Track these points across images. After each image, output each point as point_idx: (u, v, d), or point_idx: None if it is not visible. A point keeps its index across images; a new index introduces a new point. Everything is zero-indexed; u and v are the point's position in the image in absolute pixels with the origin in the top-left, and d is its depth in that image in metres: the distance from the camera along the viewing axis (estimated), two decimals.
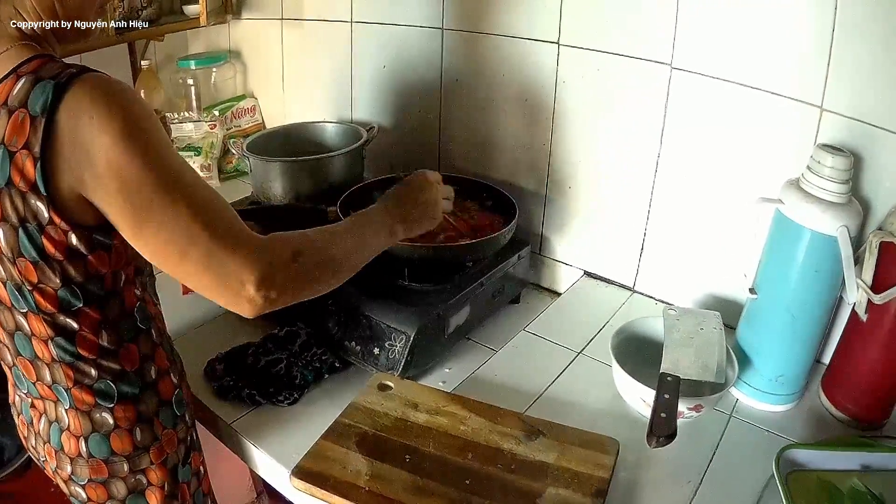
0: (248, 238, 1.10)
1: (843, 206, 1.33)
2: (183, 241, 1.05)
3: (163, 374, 1.28)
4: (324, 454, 1.30)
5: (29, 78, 1.03)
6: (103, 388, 1.20)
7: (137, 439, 1.24)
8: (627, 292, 1.88)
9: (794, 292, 1.40)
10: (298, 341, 1.60)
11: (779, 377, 1.45)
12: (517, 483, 1.24)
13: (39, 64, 1.05)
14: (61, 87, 1.00)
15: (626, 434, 1.36)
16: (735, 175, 1.60)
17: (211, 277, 1.08)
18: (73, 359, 1.16)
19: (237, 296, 1.08)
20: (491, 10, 1.87)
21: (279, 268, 1.11)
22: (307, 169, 1.99)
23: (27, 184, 1.02)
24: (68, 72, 1.02)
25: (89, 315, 1.15)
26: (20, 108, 1.01)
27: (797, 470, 1.22)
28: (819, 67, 1.41)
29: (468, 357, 1.67)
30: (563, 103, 1.82)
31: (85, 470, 1.23)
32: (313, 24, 2.37)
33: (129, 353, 1.22)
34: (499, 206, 1.84)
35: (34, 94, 1.01)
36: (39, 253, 1.07)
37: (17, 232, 1.05)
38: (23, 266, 1.08)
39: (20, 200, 1.03)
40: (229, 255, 1.07)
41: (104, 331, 1.17)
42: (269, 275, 1.09)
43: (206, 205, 1.09)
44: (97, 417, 1.21)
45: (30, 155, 1.01)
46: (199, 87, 2.60)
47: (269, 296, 1.09)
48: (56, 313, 1.12)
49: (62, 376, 1.18)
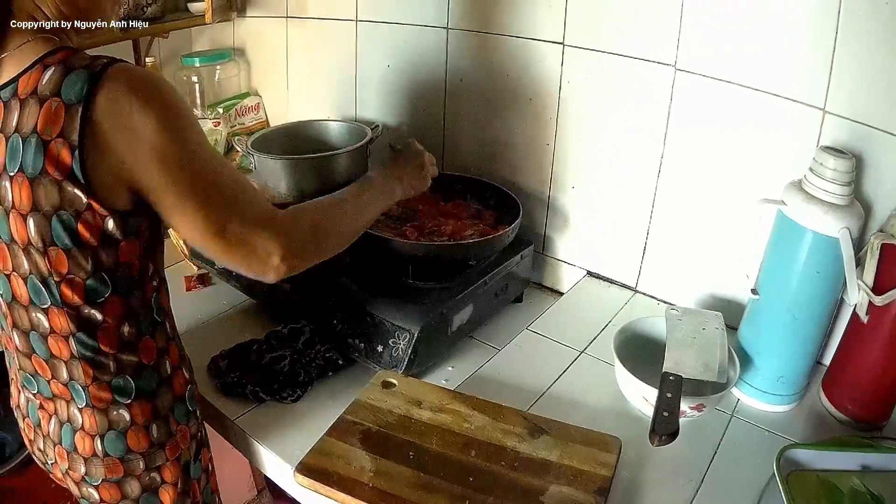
0: (275, 215, 1.20)
1: (844, 207, 1.34)
2: (224, 220, 1.13)
3: (176, 369, 1.29)
4: (327, 451, 1.30)
5: (59, 68, 1.04)
6: (121, 384, 1.20)
7: (154, 436, 1.25)
8: (630, 292, 1.88)
9: (795, 293, 1.41)
10: (302, 338, 1.61)
11: (780, 377, 1.46)
12: (520, 480, 1.25)
13: (67, 55, 1.06)
14: (96, 76, 1.02)
15: (628, 433, 1.36)
16: (737, 176, 1.61)
17: (245, 252, 1.16)
18: (93, 354, 1.17)
19: (264, 266, 1.18)
20: (496, 10, 1.88)
21: (301, 240, 1.23)
22: (311, 167, 1.98)
23: (63, 172, 1.03)
24: (100, 62, 1.04)
25: (115, 304, 1.16)
26: (53, 97, 1.02)
27: (798, 470, 1.23)
28: (822, 70, 1.42)
29: (471, 355, 1.67)
30: (567, 103, 1.82)
31: (100, 469, 1.23)
32: (318, 22, 2.37)
33: (147, 346, 1.23)
34: (502, 205, 1.85)
35: (68, 83, 1.02)
36: (74, 239, 1.08)
37: (49, 221, 1.06)
38: (54, 256, 1.09)
39: (55, 189, 1.04)
40: (261, 231, 1.16)
41: (126, 322, 1.19)
42: (292, 247, 1.19)
43: (240, 183, 1.18)
44: (114, 415, 1.21)
45: (66, 143, 1.02)
46: (204, 84, 2.60)
47: (292, 264, 1.20)
48: (82, 305, 1.13)
49: (80, 373, 1.18)
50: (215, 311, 1.79)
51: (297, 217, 1.26)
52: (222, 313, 1.79)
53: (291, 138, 2.20)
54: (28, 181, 1.04)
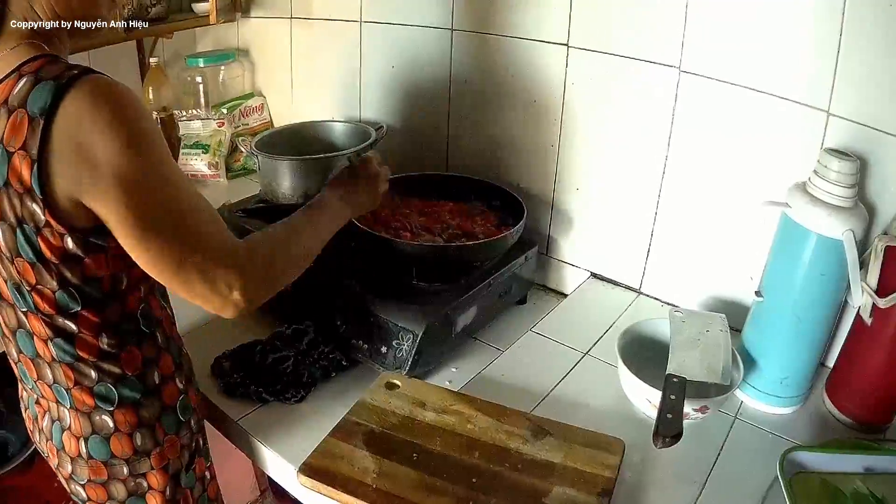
0: (235, 249, 1.14)
1: (848, 210, 1.34)
2: (183, 249, 1.08)
3: (167, 378, 1.28)
4: (331, 452, 1.30)
5: (30, 78, 1.01)
6: (103, 392, 1.19)
7: (138, 444, 1.24)
8: (634, 294, 1.88)
9: (799, 295, 1.41)
10: (306, 339, 1.60)
11: (784, 379, 1.46)
12: (523, 482, 1.25)
13: (42, 64, 1.04)
14: (62, 88, 0.99)
15: (631, 434, 1.36)
16: (742, 178, 1.61)
17: (204, 287, 1.11)
18: (73, 360, 1.16)
19: (224, 300, 1.12)
20: (500, 12, 1.88)
21: (260, 274, 1.17)
22: (315, 168, 1.99)
23: (23, 186, 1.01)
24: (70, 73, 1.01)
25: (88, 318, 1.14)
26: (19, 108, 1.00)
27: (801, 472, 1.23)
28: (826, 72, 1.42)
29: (475, 357, 1.67)
30: (571, 105, 1.82)
31: (85, 470, 1.24)
32: (322, 23, 2.37)
33: (131, 356, 1.21)
34: (506, 206, 1.85)
35: (34, 95, 1.00)
36: (36, 255, 1.06)
37: (14, 232, 1.05)
38: (21, 266, 1.08)
39: (17, 201, 1.03)
40: (221, 266, 1.11)
41: (104, 333, 1.17)
42: (251, 282, 1.14)
43: (203, 213, 1.12)
44: (97, 420, 1.21)
45: (27, 156, 0.99)
46: (208, 84, 2.61)
47: (251, 298, 1.15)
48: (55, 315, 1.12)
49: (62, 376, 1.18)
50: None
51: (253, 250, 1.19)
52: None
53: (295, 139, 2.21)
54: None
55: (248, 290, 1.13)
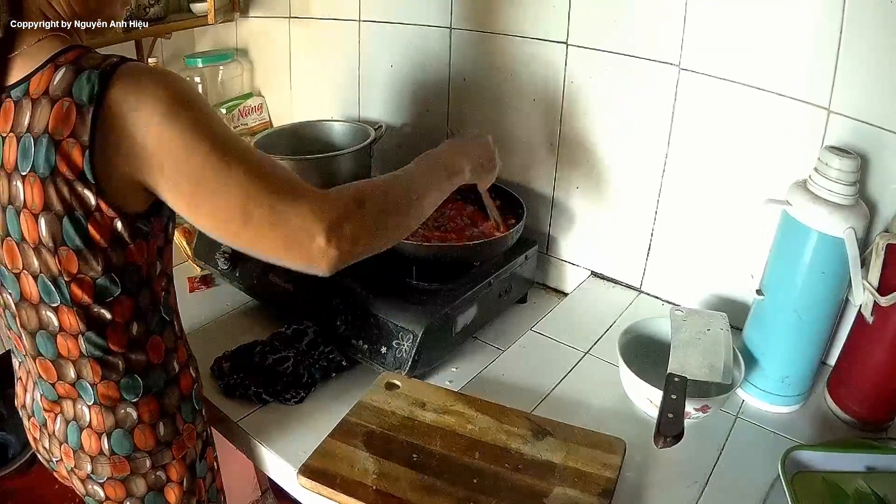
0: (309, 190, 1.09)
1: (849, 207, 1.34)
2: (244, 202, 1.04)
3: (183, 367, 1.30)
4: (331, 453, 1.30)
5: (70, 67, 1.03)
6: (129, 383, 1.21)
7: (160, 434, 1.25)
8: (634, 293, 1.88)
9: (800, 293, 1.40)
10: (306, 339, 1.60)
11: (785, 378, 1.46)
12: (524, 482, 1.24)
13: (78, 54, 1.05)
14: (106, 75, 1.01)
15: (632, 434, 1.36)
16: (742, 176, 1.60)
17: (278, 235, 1.06)
18: (102, 353, 1.17)
19: (309, 251, 1.06)
20: (499, 10, 1.88)
21: (346, 216, 1.09)
22: (314, 168, 1.98)
23: (74, 172, 1.02)
24: (110, 61, 1.04)
25: (124, 304, 1.16)
26: (64, 98, 1.01)
27: (803, 471, 1.23)
28: (827, 69, 1.42)
29: (475, 356, 1.67)
30: (571, 103, 1.82)
31: (106, 468, 1.23)
32: (321, 22, 2.37)
33: (156, 345, 1.23)
34: (506, 205, 1.84)
35: (79, 83, 1.01)
36: (84, 240, 1.07)
37: (60, 221, 1.06)
38: (64, 255, 1.08)
39: (67, 189, 1.04)
40: (293, 208, 1.05)
41: (135, 322, 1.18)
42: (336, 224, 1.07)
43: (261, 164, 1.08)
44: (121, 413, 1.21)
45: (77, 143, 1.01)
46: (207, 84, 2.60)
47: (341, 246, 1.07)
48: (91, 305, 1.13)
49: (88, 371, 1.18)
50: (218, 313, 1.79)
51: (338, 192, 1.12)
52: (225, 314, 1.79)
53: (295, 139, 2.21)
54: (40, 181, 1.03)
55: (336, 235, 1.06)
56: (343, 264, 1.09)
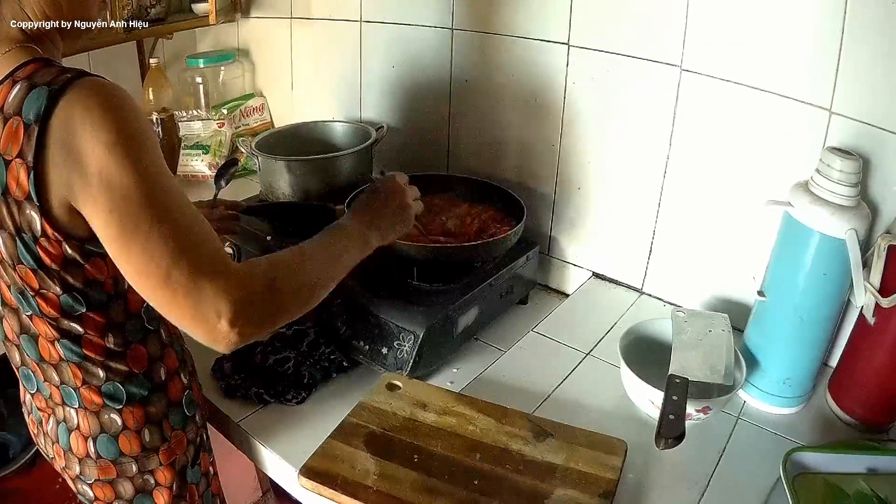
0: (228, 268, 1.04)
1: (851, 209, 1.33)
2: (167, 261, 1.00)
3: (172, 374, 1.28)
4: (332, 453, 1.30)
5: (24, 84, 1.00)
6: (111, 390, 1.19)
7: (146, 440, 1.24)
8: (636, 294, 1.88)
9: (802, 295, 1.40)
10: (307, 340, 1.60)
11: (786, 380, 1.46)
12: (525, 483, 1.24)
13: (35, 68, 1.02)
14: (55, 93, 0.97)
15: (633, 435, 1.36)
16: (744, 177, 1.60)
17: (189, 305, 1.01)
18: (81, 359, 1.16)
19: (213, 330, 1.02)
20: (501, 11, 1.88)
21: (255, 301, 1.06)
22: (316, 168, 1.99)
23: (22, 193, 1.00)
24: (64, 77, 0.99)
25: (93, 319, 1.14)
26: (15, 116, 0.99)
27: (804, 472, 1.23)
28: (828, 70, 1.41)
29: (476, 357, 1.67)
30: (572, 104, 1.82)
31: (93, 470, 1.24)
32: (322, 23, 2.37)
33: (137, 354, 1.21)
34: (508, 206, 1.84)
35: (28, 101, 0.98)
36: (37, 262, 1.06)
37: (14, 240, 1.04)
38: (23, 273, 1.07)
39: (16, 209, 1.02)
40: (209, 283, 1.01)
41: (110, 333, 1.16)
42: (244, 309, 1.03)
43: (193, 228, 1.05)
44: (105, 419, 1.21)
45: (24, 164, 0.98)
46: (208, 85, 2.61)
47: (243, 331, 1.04)
48: (60, 318, 1.12)
49: (70, 376, 1.17)
50: None
51: (250, 272, 1.08)
52: None
53: (296, 139, 2.21)
54: None
55: (239, 317, 1.02)
56: (241, 345, 1.06)
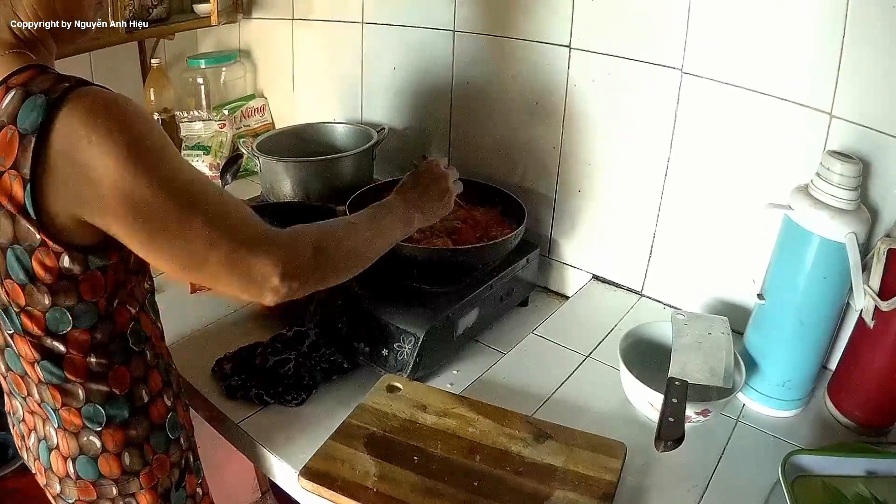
0: (268, 235, 1.09)
1: (851, 212, 1.34)
2: (202, 249, 1.03)
3: (155, 396, 1.24)
4: (332, 455, 1.30)
5: (18, 91, 0.97)
6: (91, 412, 1.16)
7: (126, 464, 1.20)
8: (636, 296, 1.88)
9: (802, 298, 1.41)
10: (307, 341, 1.60)
11: (786, 382, 1.46)
12: (525, 485, 1.24)
13: (31, 75, 0.99)
14: (54, 103, 0.95)
15: (633, 438, 1.36)
16: (744, 180, 1.61)
17: (234, 278, 1.07)
18: (60, 381, 1.13)
19: (261, 289, 1.08)
20: (502, 13, 1.88)
21: (301, 262, 1.11)
22: (317, 169, 1.99)
23: (16, 206, 0.97)
24: (61, 86, 0.97)
25: (77, 338, 1.11)
26: (9, 125, 0.95)
27: (803, 475, 1.23)
28: (829, 74, 1.42)
29: (476, 359, 1.67)
30: (573, 107, 1.82)
31: (73, 490, 1.21)
32: (324, 24, 2.37)
33: (119, 375, 1.17)
34: (508, 209, 1.85)
35: (24, 110, 0.95)
36: (28, 276, 1.03)
37: (4, 254, 1.02)
38: (10, 288, 1.05)
39: (8, 222, 0.99)
40: (251, 254, 1.05)
41: (93, 353, 1.13)
42: (291, 269, 1.08)
43: (222, 211, 1.06)
44: (84, 440, 1.18)
45: (18, 176, 0.95)
46: (209, 86, 2.61)
47: (291, 286, 1.09)
48: (43, 336, 1.09)
49: (50, 397, 1.14)
50: (220, 314, 1.79)
51: (297, 236, 1.14)
52: (227, 316, 1.79)
53: (297, 140, 2.22)
54: None
55: (289, 278, 1.08)
56: (288, 299, 1.12)
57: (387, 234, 1.35)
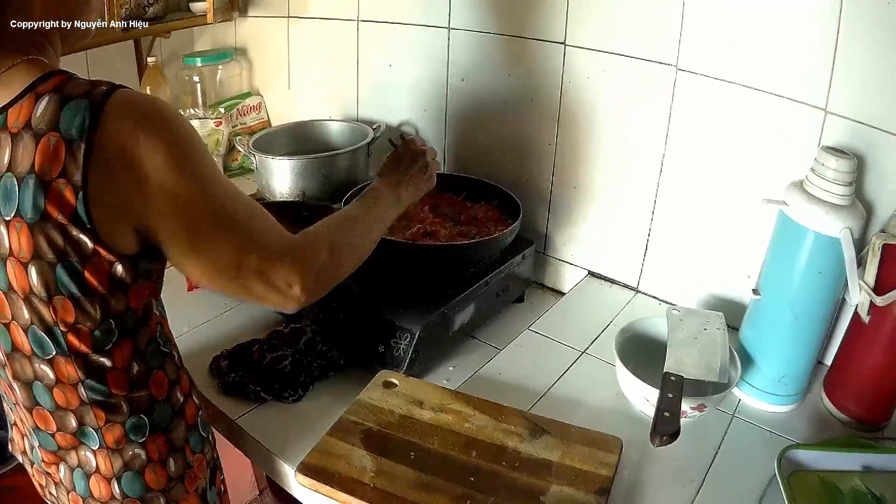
0: (292, 243, 1.13)
1: (846, 208, 1.34)
2: (238, 256, 1.07)
3: (187, 397, 1.24)
4: (329, 451, 1.30)
5: (53, 97, 0.95)
6: (136, 423, 1.14)
7: (171, 470, 1.19)
8: (631, 292, 1.88)
9: (797, 293, 1.41)
10: (304, 338, 1.60)
11: (781, 377, 1.46)
12: (521, 480, 1.25)
13: (60, 80, 0.98)
14: (97, 107, 0.94)
15: (629, 433, 1.36)
16: (739, 176, 1.61)
17: (261, 285, 1.09)
18: (104, 398, 1.11)
19: (285, 297, 1.11)
20: (497, 10, 1.88)
21: (319, 267, 1.15)
22: (313, 167, 1.99)
23: (67, 215, 0.95)
24: (100, 90, 0.96)
25: (123, 348, 1.10)
26: (50, 132, 0.94)
27: (799, 470, 1.23)
28: (823, 70, 1.42)
29: (472, 355, 1.67)
30: (569, 104, 1.82)
31: None
32: (319, 21, 2.37)
33: (159, 380, 1.17)
34: (504, 205, 1.85)
35: (66, 116, 0.94)
36: (81, 287, 1.01)
37: (53, 269, 0.99)
38: (59, 305, 1.02)
39: (59, 234, 0.97)
40: (280, 263, 1.09)
41: (135, 362, 1.12)
42: (312, 275, 1.12)
43: (254, 217, 1.11)
44: (129, 455, 1.15)
45: (69, 184, 0.94)
46: (205, 84, 2.60)
47: (313, 291, 1.13)
48: (89, 353, 1.07)
49: (92, 418, 1.11)
50: (217, 311, 1.79)
51: (313, 242, 1.17)
52: (224, 313, 1.79)
53: (293, 138, 2.22)
54: (27, 226, 0.96)
55: (309, 283, 1.12)
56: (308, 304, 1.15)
57: (384, 220, 1.39)
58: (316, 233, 1.21)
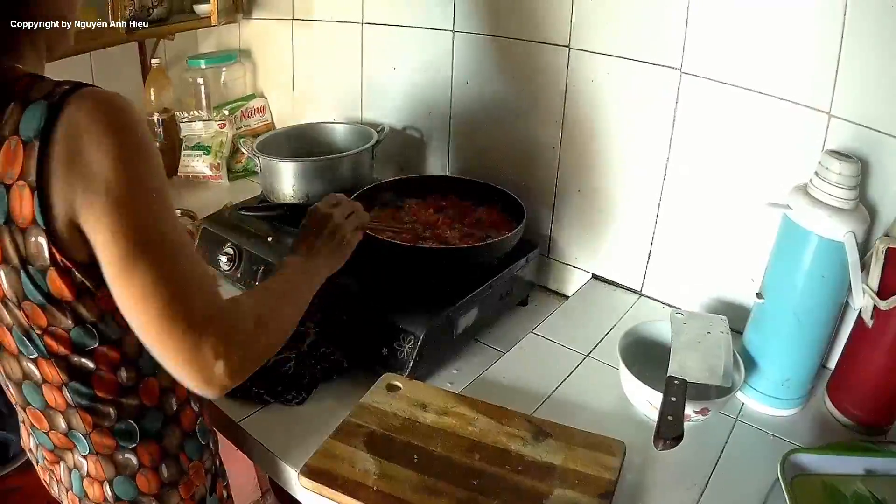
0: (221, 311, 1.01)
1: (850, 211, 1.34)
2: (171, 289, 0.95)
3: (184, 404, 1.22)
4: (332, 453, 1.30)
5: (18, 101, 0.94)
6: (124, 429, 1.13)
7: (164, 477, 1.18)
8: (635, 296, 1.88)
9: (800, 297, 1.41)
10: (307, 341, 1.60)
11: (785, 381, 1.46)
12: (524, 484, 1.25)
13: (26, 84, 0.96)
14: (54, 106, 0.92)
15: (632, 436, 1.36)
16: (743, 180, 1.61)
17: (185, 346, 0.96)
18: (91, 401, 1.09)
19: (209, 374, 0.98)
20: (502, 13, 1.88)
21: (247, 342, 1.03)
22: (317, 169, 1.99)
23: (27, 219, 0.94)
24: (60, 89, 0.94)
25: (106, 355, 1.07)
26: (12, 136, 0.93)
27: (802, 474, 1.23)
28: (827, 74, 1.42)
29: (476, 358, 1.67)
30: (573, 107, 1.82)
31: None
32: (324, 24, 2.37)
33: (149, 387, 1.14)
34: (508, 208, 1.85)
35: (25, 118, 0.92)
36: (45, 296, 0.99)
37: (19, 274, 0.98)
38: (29, 310, 1.01)
39: (21, 239, 0.95)
40: (206, 326, 0.97)
41: (122, 368, 1.10)
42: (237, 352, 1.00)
43: (194, 254, 1.03)
44: (120, 459, 1.14)
45: (26, 185, 0.92)
46: (209, 86, 2.61)
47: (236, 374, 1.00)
48: (70, 355, 1.05)
49: (79, 421, 1.11)
50: None
51: (240, 313, 1.05)
52: None
53: (297, 140, 2.22)
54: None
55: (233, 359, 0.98)
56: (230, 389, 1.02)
57: (303, 292, 1.28)
58: (241, 302, 1.09)
